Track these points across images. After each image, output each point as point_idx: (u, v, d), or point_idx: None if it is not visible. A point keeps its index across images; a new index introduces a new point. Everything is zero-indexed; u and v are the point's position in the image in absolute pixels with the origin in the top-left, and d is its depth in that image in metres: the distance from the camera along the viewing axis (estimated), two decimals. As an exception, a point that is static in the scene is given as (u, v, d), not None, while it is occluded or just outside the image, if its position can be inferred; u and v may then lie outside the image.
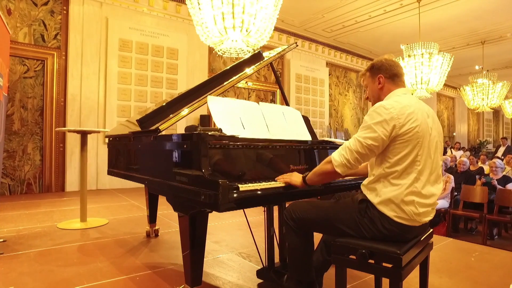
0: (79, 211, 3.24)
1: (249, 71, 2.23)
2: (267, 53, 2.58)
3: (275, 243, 2.02)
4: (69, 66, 5.82)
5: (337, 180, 1.80)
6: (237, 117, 1.73)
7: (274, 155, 1.71)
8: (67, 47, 5.83)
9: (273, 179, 1.57)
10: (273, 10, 3.95)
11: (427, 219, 1.33)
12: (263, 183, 1.47)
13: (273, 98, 8.74)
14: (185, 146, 1.44)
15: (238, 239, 2.84)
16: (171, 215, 3.65)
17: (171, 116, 1.80)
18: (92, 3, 6.01)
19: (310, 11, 7.82)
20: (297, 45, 2.57)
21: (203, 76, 7.23)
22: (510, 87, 10.16)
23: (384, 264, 1.25)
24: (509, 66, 12.40)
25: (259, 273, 1.90)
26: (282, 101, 8.85)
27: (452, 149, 10.70)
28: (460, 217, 4.68)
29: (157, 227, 2.92)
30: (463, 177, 5.08)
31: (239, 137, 1.57)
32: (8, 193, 5.24)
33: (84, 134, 3.28)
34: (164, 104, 2.05)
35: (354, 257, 1.27)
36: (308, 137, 2.06)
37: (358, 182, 1.87)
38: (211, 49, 6.13)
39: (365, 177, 1.47)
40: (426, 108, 1.40)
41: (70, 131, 3.39)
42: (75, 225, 3.15)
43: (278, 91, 8.83)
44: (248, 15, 3.69)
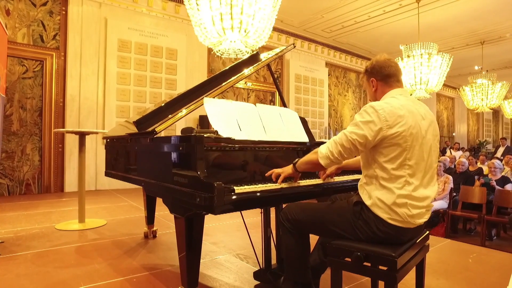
0: (77, 212, 3.24)
1: (247, 72, 2.23)
2: (265, 54, 2.58)
3: (272, 244, 2.02)
4: (68, 66, 5.82)
5: (336, 181, 1.80)
6: (233, 118, 1.73)
7: (271, 156, 1.71)
8: (66, 48, 5.83)
9: (270, 181, 1.57)
10: (272, 10, 3.95)
11: (421, 221, 1.32)
12: (259, 185, 1.47)
13: (273, 98, 8.74)
14: (181, 148, 1.44)
15: (236, 241, 2.84)
16: (169, 216, 3.62)
17: (169, 116, 1.80)
18: (91, 4, 6.01)
19: (309, 12, 7.82)
20: (295, 46, 2.57)
21: (202, 76, 7.23)
22: (509, 87, 10.16)
23: (380, 266, 1.25)
24: (509, 66, 12.40)
25: (256, 275, 1.90)
26: (280, 100, 8.88)
27: (451, 150, 10.70)
28: (458, 217, 4.68)
29: (155, 228, 2.91)
30: (462, 178, 5.08)
31: (235, 139, 1.57)
32: (7, 194, 5.24)
33: (82, 135, 3.28)
34: (161, 105, 2.05)
35: (349, 259, 1.27)
36: (305, 139, 2.06)
37: (356, 183, 1.87)
38: (210, 50, 6.14)
39: (359, 170, 1.48)
40: (422, 110, 1.38)
41: (68, 132, 3.39)
42: (73, 226, 3.14)
43: (276, 91, 8.83)
44: (246, 15, 3.69)
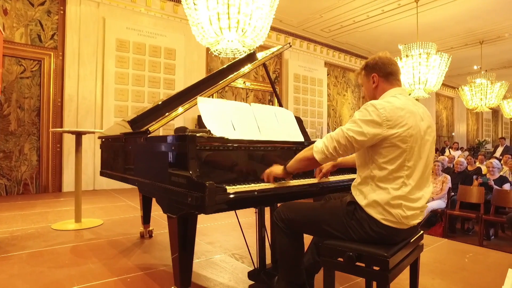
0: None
1: (243, 70, 2.24)
2: (262, 53, 2.58)
3: (267, 244, 2.02)
4: (66, 66, 5.82)
5: (331, 180, 1.80)
6: (227, 118, 1.72)
7: (265, 156, 1.71)
8: (64, 47, 5.83)
9: (264, 181, 1.56)
10: (269, 10, 3.95)
11: (415, 222, 1.31)
12: (252, 185, 1.46)
13: (271, 98, 8.73)
14: (173, 148, 1.43)
15: (232, 240, 2.83)
16: (165, 216, 3.63)
17: (166, 114, 1.79)
18: (89, 3, 6.00)
19: (308, 11, 7.81)
20: (291, 46, 2.56)
21: (200, 76, 7.21)
22: (508, 87, 10.16)
23: (373, 266, 1.24)
24: (507, 66, 12.40)
25: (251, 275, 1.90)
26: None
27: (450, 149, 10.69)
28: (456, 217, 4.67)
29: (151, 228, 2.91)
30: (460, 177, 5.07)
31: (229, 138, 1.56)
32: (4, 194, 5.23)
33: (78, 134, 3.27)
34: (157, 104, 2.04)
35: (342, 259, 1.27)
36: (300, 138, 2.05)
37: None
38: (208, 50, 6.12)
39: (355, 169, 1.46)
40: (421, 110, 1.37)
41: (64, 132, 3.38)
42: (69, 226, 3.14)
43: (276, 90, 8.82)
44: (243, 15, 3.68)
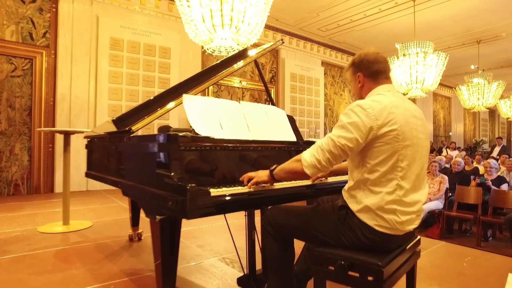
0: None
1: (235, 67, 2.18)
2: (254, 50, 2.50)
3: (258, 247, 1.93)
4: (58, 65, 5.72)
5: (328, 181, 1.72)
6: (215, 117, 1.64)
7: (254, 156, 1.63)
8: (56, 46, 5.72)
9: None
10: (264, 7, 3.86)
11: (411, 227, 1.23)
12: (238, 187, 1.38)
13: (267, 97, 8.65)
14: (154, 148, 1.35)
15: (223, 243, 2.75)
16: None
17: (153, 112, 1.71)
18: (82, 1, 5.90)
19: (305, 10, 7.74)
20: (283, 42, 2.49)
21: (195, 75, 7.13)
22: (505, 87, 10.12)
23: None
24: (504, 66, 12.38)
25: (240, 281, 1.82)
26: (276, 100, 8.79)
27: (447, 149, 10.65)
28: (454, 218, 4.61)
29: (140, 231, 2.82)
30: (458, 178, 5.01)
31: (215, 138, 1.48)
32: (-6, 195, 5.13)
33: (67, 134, 3.18)
34: (142, 102, 1.96)
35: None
36: (292, 138, 1.97)
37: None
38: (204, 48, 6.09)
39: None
40: (412, 107, 1.29)
41: (52, 132, 3.28)
42: (56, 228, 3.04)
43: (272, 90, 8.75)
44: (237, 12, 3.60)
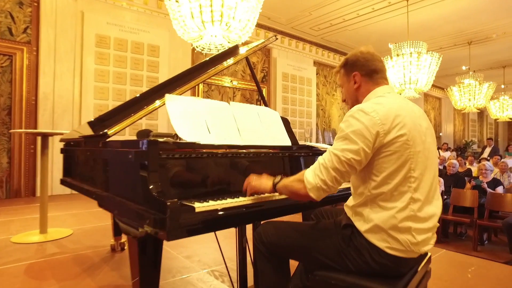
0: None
1: (225, 64, 2.04)
2: (245, 47, 2.34)
3: (249, 259, 1.77)
4: (40, 62, 5.46)
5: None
6: (201, 119, 1.47)
7: (245, 164, 1.46)
8: (39, 42, 5.46)
9: (243, 194, 1.31)
10: (255, 3, 3.70)
11: (427, 248, 1.08)
12: (228, 200, 1.21)
13: (260, 97, 8.49)
14: (131, 156, 1.17)
15: (213, 253, 2.57)
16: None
17: (139, 111, 1.53)
18: (65, -4, 5.65)
19: (297, 9, 7.61)
20: (277, 38, 2.33)
21: (185, 74, 6.93)
22: (495, 88, 10.17)
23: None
24: (494, 67, 12.48)
25: (230, 300, 1.65)
26: (268, 100, 8.64)
27: (439, 150, 10.66)
28: (449, 221, 4.53)
29: (123, 240, 2.63)
30: (453, 180, 4.93)
31: (201, 143, 1.32)
32: (-30, 199, 4.85)
33: (45, 136, 2.97)
34: (123, 103, 1.77)
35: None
36: (287, 142, 1.81)
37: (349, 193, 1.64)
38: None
39: None
40: (416, 108, 1.16)
41: (27, 133, 3.06)
42: (32, 238, 2.82)
43: (264, 90, 8.59)
44: (227, 8, 3.43)
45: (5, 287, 1.92)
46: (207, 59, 2.07)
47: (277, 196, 1.33)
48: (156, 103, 1.57)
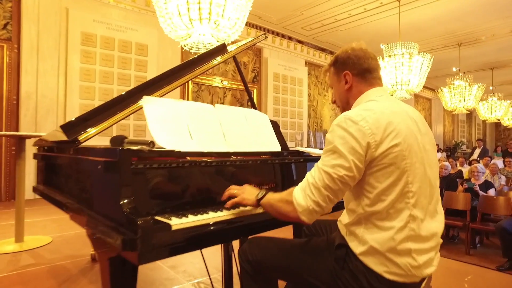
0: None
1: (212, 63, 1.93)
2: (233, 46, 2.23)
3: (235, 269, 1.65)
4: (22, 60, 5.25)
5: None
6: (182, 124, 1.34)
7: (230, 172, 1.35)
8: (20, 39, 5.25)
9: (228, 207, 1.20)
10: (245, 1, 3.57)
11: (430, 271, 0.97)
12: (210, 214, 1.10)
13: (248, 98, 8.37)
14: (100, 166, 1.04)
15: (199, 263, 2.44)
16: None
17: (118, 113, 1.39)
18: (48, -9, 5.45)
19: (288, 8, 7.52)
20: (267, 37, 2.22)
21: (174, 74, 6.77)
22: (485, 90, 10.25)
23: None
24: (483, 68, 12.60)
25: (215, 318, 1.54)
26: (259, 101, 8.54)
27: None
28: (441, 224, 4.48)
29: (104, 250, 2.48)
30: (445, 182, 4.88)
31: (181, 151, 1.19)
32: None
33: (21, 139, 2.80)
34: (101, 105, 1.63)
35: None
36: (276, 147, 1.70)
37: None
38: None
39: None
40: (410, 111, 1.05)
41: (2, 136, 2.88)
42: (6, 247, 2.65)
43: (255, 90, 8.48)
44: (216, 5, 3.30)
45: (-33, 307, 1.77)
46: (193, 57, 1.95)
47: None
48: (134, 106, 1.44)
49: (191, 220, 1.03)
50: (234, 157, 1.38)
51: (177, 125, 1.32)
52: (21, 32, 5.23)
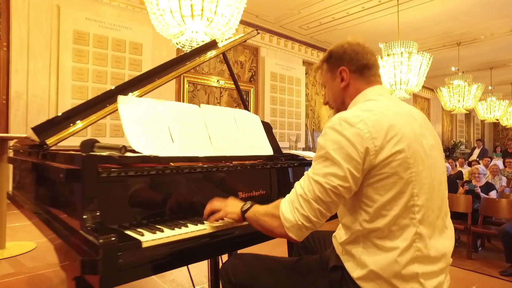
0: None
1: (201, 59, 1.81)
2: (224, 42, 2.11)
3: None
4: (12, 59, 5.10)
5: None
6: (163, 126, 1.22)
7: (216, 180, 1.22)
8: (9, 37, 5.10)
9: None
10: (240, -3, 3.45)
11: None
12: (190, 228, 0.97)
13: (247, 98, 8.26)
14: (61, 175, 0.91)
15: (190, 270, 2.32)
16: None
17: (93, 115, 1.27)
18: (38, -12, 5.31)
19: (286, 6, 7.40)
20: (258, 33, 2.11)
21: (169, 73, 6.64)
22: (484, 90, 10.18)
23: None
24: (481, 68, 12.53)
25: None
26: (256, 101, 8.42)
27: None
28: (442, 227, 4.37)
29: (89, 257, 2.35)
30: (445, 184, 4.79)
31: (160, 156, 1.07)
32: None
33: (3, 140, 2.67)
34: (78, 105, 1.50)
35: None
36: (268, 150, 1.58)
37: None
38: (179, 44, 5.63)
39: None
40: (415, 113, 0.93)
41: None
42: (-14, 255, 2.53)
43: (252, 89, 8.37)
44: (208, 1, 3.18)
45: None
46: (182, 54, 1.84)
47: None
48: (112, 106, 1.32)
49: (167, 235, 0.91)
50: (221, 163, 1.26)
51: (156, 127, 1.20)
52: (10, 30, 5.09)
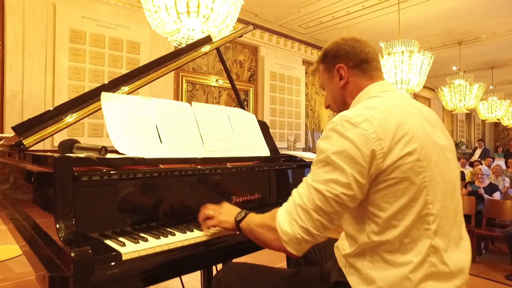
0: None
1: (194, 54, 1.72)
2: (218, 38, 2.02)
3: None
4: (6, 58, 5.03)
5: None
6: (150, 125, 1.13)
7: (209, 183, 1.14)
8: (4, 36, 5.03)
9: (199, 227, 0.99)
10: (237, -6, 3.37)
11: None
12: (177, 237, 0.89)
13: (247, 97, 8.17)
14: (34, 178, 0.83)
15: (184, 279, 2.23)
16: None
17: (75, 114, 1.18)
18: (33, -14, 5.24)
19: (285, 5, 7.33)
20: (254, 28, 2.03)
21: (167, 72, 6.56)
22: (485, 89, 10.10)
23: None
24: (483, 68, 12.45)
25: None
26: (255, 100, 8.34)
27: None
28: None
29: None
30: (447, 185, 4.70)
31: (146, 157, 0.98)
32: None
33: (-8, 140, 2.58)
34: (61, 104, 1.42)
35: None
36: (264, 151, 1.49)
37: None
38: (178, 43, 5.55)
39: None
40: (425, 110, 0.84)
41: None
42: (-26, 259, 2.44)
43: (251, 89, 8.28)
44: (205, -2, 3.10)
45: None
46: (175, 50, 1.75)
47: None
48: (95, 104, 1.23)
49: (151, 245, 0.82)
50: (213, 165, 1.17)
51: (143, 126, 1.11)
52: (5, 28, 5.01)
